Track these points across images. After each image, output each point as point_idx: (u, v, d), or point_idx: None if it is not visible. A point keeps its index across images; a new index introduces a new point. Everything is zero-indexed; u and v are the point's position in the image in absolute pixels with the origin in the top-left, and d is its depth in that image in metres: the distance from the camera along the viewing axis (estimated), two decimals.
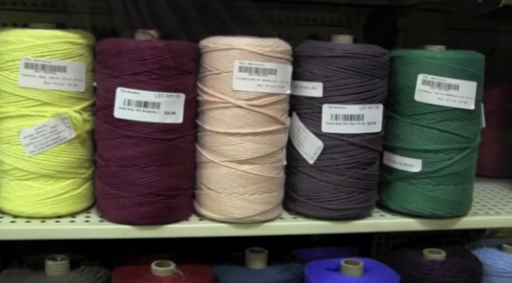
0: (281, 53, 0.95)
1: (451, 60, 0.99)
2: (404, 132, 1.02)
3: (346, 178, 0.99)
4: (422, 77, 1.00)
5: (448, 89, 0.99)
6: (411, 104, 1.01)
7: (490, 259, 1.08)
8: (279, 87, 0.95)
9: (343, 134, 0.98)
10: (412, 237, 1.24)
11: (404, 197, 1.04)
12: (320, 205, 1.00)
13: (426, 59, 1.00)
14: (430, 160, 1.01)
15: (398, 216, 1.05)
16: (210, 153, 0.96)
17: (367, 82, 0.97)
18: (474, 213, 1.09)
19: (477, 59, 1.01)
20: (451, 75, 0.99)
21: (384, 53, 0.99)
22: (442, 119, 1.00)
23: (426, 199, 1.02)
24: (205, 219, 0.99)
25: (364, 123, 0.98)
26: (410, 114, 1.02)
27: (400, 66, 1.02)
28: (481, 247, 1.12)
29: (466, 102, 1.00)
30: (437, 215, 1.03)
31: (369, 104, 0.98)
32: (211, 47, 0.95)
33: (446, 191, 1.02)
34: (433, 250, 1.07)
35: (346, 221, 1.01)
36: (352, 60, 0.96)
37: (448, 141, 1.01)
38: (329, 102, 0.97)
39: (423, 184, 1.02)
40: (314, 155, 0.99)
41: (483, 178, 1.34)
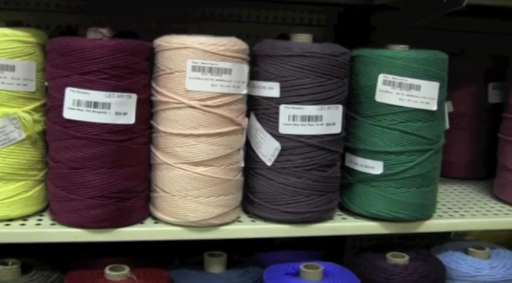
0: (236, 52, 0.92)
1: (412, 59, 0.97)
2: (365, 133, 1.00)
3: (305, 181, 0.96)
4: (383, 77, 0.97)
5: (409, 89, 0.97)
6: (372, 104, 0.99)
7: (455, 263, 1.06)
8: (234, 87, 0.93)
9: (301, 135, 0.95)
10: (393, 238, 1.22)
11: (366, 200, 1.01)
12: (278, 208, 0.97)
13: (387, 58, 0.97)
14: (392, 162, 0.99)
15: (361, 219, 1.03)
16: (164, 154, 0.94)
17: (326, 82, 0.95)
18: (439, 216, 1.07)
19: (440, 59, 0.99)
20: (412, 75, 0.97)
21: (343, 53, 0.96)
22: (403, 120, 0.98)
23: (388, 202, 1.00)
24: (161, 222, 0.97)
25: (323, 124, 0.95)
26: (372, 115, 0.99)
27: (361, 66, 1.00)
28: (447, 251, 1.10)
29: (428, 102, 0.98)
30: (400, 218, 1.01)
31: (328, 104, 0.95)
32: (165, 46, 0.92)
33: (408, 194, 1.00)
34: (396, 254, 1.05)
35: (306, 224, 0.99)
36: (309, 60, 0.93)
37: (410, 142, 0.98)
38: (286, 103, 0.94)
39: (385, 187, 1.00)
40: (272, 157, 0.96)
41: (454, 180, 1.32)
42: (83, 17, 1.28)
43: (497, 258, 1.09)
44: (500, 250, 1.12)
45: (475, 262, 1.06)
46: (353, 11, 1.44)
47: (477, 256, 1.08)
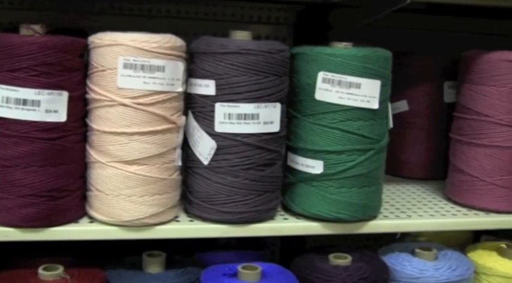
0: (170, 49, 0.91)
1: (352, 57, 0.95)
2: (305, 132, 0.99)
3: (242, 180, 0.95)
4: (323, 75, 0.96)
5: (349, 87, 0.95)
6: (312, 102, 0.97)
7: (400, 264, 1.04)
8: (168, 84, 0.91)
9: (237, 133, 0.94)
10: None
11: (307, 200, 1.00)
12: (215, 208, 0.96)
13: (326, 56, 0.96)
14: (332, 162, 0.97)
15: (303, 219, 1.01)
16: (97, 153, 0.93)
17: (262, 80, 0.93)
18: (384, 217, 1.05)
19: (381, 57, 0.97)
20: (352, 73, 0.95)
21: (281, 50, 0.95)
22: (343, 118, 0.96)
23: (329, 202, 0.98)
24: (96, 222, 0.95)
25: (260, 122, 0.94)
26: (312, 114, 0.98)
27: (301, 63, 0.98)
28: (393, 252, 1.08)
29: (369, 101, 0.97)
30: (341, 219, 0.99)
31: (265, 102, 0.94)
32: (97, 43, 0.91)
33: (349, 194, 0.98)
34: (340, 255, 1.03)
35: (244, 224, 0.97)
36: (245, 57, 0.92)
37: (351, 141, 0.97)
38: (222, 101, 0.93)
39: (325, 187, 0.98)
40: (208, 156, 0.95)
41: (409, 180, 1.30)
42: (33, 14, 1.28)
43: (443, 259, 1.07)
44: (448, 251, 1.10)
45: (419, 263, 1.04)
46: (312, 9, 1.43)
47: (423, 257, 1.07)
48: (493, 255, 1.12)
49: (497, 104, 1.08)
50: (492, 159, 1.09)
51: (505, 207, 1.10)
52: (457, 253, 1.10)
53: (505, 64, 1.07)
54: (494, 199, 1.10)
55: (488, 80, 1.08)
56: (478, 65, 1.09)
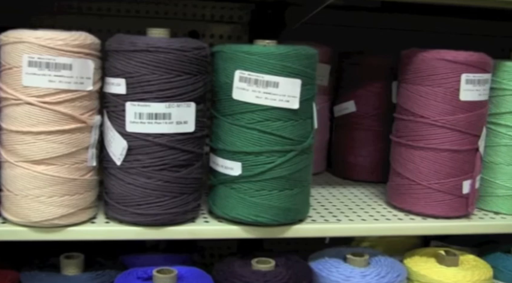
0: (78, 46, 0.89)
1: (269, 55, 0.92)
2: (224, 132, 0.96)
3: (155, 182, 0.92)
4: (239, 74, 0.93)
5: (266, 86, 0.92)
6: (230, 102, 0.94)
7: (327, 270, 1.01)
8: (76, 83, 0.89)
9: (149, 133, 0.91)
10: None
11: (227, 203, 0.97)
12: (129, 209, 0.93)
13: (243, 54, 0.93)
14: (250, 164, 0.94)
15: (224, 222, 0.98)
16: (6, 152, 0.91)
17: (174, 78, 0.91)
18: (312, 221, 1.02)
19: (302, 55, 0.94)
20: (269, 72, 0.92)
21: (195, 48, 0.92)
22: (262, 118, 0.93)
23: (248, 205, 0.95)
24: (8, 222, 0.94)
25: (172, 122, 0.91)
26: (230, 114, 0.95)
27: (220, 62, 0.95)
28: (323, 258, 1.05)
29: (288, 100, 0.93)
30: (260, 222, 0.96)
31: (177, 102, 0.91)
32: (4, 41, 0.89)
33: (269, 197, 0.95)
34: (263, 260, 1.00)
35: (159, 227, 0.95)
36: (154, 55, 0.89)
37: (269, 142, 0.94)
38: (132, 100, 0.91)
39: (244, 189, 0.95)
40: (120, 156, 0.92)
41: (354, 183, 1.27)
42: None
43: (375, 265, 1.03)
44: (382, 257, 1.06)
45: (347, 270, 1.00)
46: (266, 8, 1.40)
47: (354, 263, 1.03)
48: (431, 261, 1.07)
49: (432, 104, 1.04)
50: (428, 162, 1.05)
51: (442, 212, 1.06)
52: (391, 259, 1.06)
53: (441, 63, 1.02)
54: (431, 204, 1.06)
55: (423, 80, 1.04)
56: (414, 64, 1.05)
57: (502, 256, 1.12)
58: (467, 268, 1.05)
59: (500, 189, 1.11)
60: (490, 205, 1.12)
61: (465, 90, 1.03)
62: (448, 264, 1.06)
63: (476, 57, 1.03)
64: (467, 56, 1.02)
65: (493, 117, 1.10)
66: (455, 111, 1.03)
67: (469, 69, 1.02)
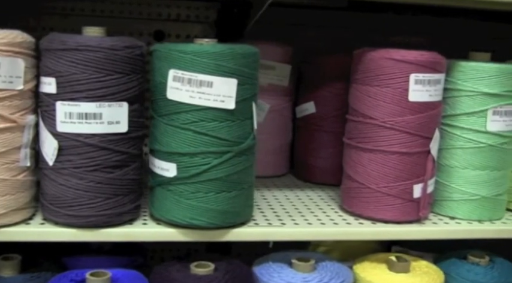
0: (6, 45, 0.88)
1: (202, 54, 0.90)
2: (160, 133, 0.94)
3: (87, 183, 0.91)
4: (173, 73, 0.91)
5: (200, 86, 0.90)
6: (165, 102, 0.92)
7: (269, 275, 0.98)
8: (5, 82, 0.88)
9: (79, 133, 0.90)
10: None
11: (164, 205, 0.95)
12: (62, 211, 0.92)
13: (177, 53, 0.91)
14: (185, 165, 0.92)
15: (163, 225, 0.96)
16: None
17: (104, 78, 0.89)
18: (255, 224, 1.00)
19: (239, 54, 0.91)
20: (203, 71, 0.90)
21: (128, 47, 0.90)
22: (196, 119, 0.91)
23: (184, 208, 0.93)
24: None
25: (104, 122, 0.90)
26: (165, 114, 0.93)
27: (156, 61, 0.93)
28: (267, 262, 1.02)
29: (223, 100, 0.91)
30: (196, 225, 0.94)
31: (109, 101, 0.90)
32: None
33: (206, 199, 0.93)
34: (203, 264, 0.98)
35: (93, 229, 0.93)
36: (84, 54, 0.88)
37: (205, 143, 0.92)
38: (62, 99, 0.89)
39: (180, 191, 0.93)
40: (52, 156, 0.91)
41: (312, 186, 1.24)
42: None
43: (320, 271, 1.00)
44: (329, 263, 1.03)
45: (289, 275, 0.98)
46: (232, 7, 1.38)
47: (298, 268, 1.00)
48: (381, 268, 1.04)
49: (381, 105, 1.00)
50: (377, 165, 1.01)
51: (393, 217, 1.02)
52: (339, 265, 1.03)
53: (389, 63, 0.99)
54: (380, 208, 1.02)
55: (372, 80, 1.01)
56: (364, 64, 1.02)
57: (456, 262, 1.08)
58: (417, 275, 1.02)
59: (456, 193, 1.07)
60: (446, 210, 1.08)
61: (414, 91, 0.99)
62: (397, 271, 1.03)
63: (426, 56, 0.99)
64: (417, 55, 0.99)
65: (448, 118, 1.06)
66: (404, 113, 1.00)
67: (419, 69, 0.99)
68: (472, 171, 1.06)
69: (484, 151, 1.05)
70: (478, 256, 1.09)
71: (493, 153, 1.05)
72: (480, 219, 1.07)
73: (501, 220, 1.09)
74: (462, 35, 1.40)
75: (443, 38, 1.33)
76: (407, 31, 1.38)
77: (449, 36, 1.38)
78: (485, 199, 1.06)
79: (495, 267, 1.06)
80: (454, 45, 1.19)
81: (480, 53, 1.08)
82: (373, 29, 1.36)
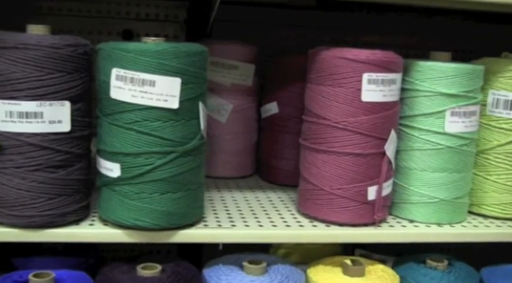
0: None
1: (144, 52, 0.88)
2: (105, 133, 0.93)
3: (29, 182, 0.90)
4: (116, 72, 0.89)
5: (142, 85, 0.89)
6: (109, 101, 0.91)
7: (217, 278, 0.97)
8: None
9: (20, 133, 0.89)
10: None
11: (109, 205, 0.94)
12: (4, 211, 0.91)
13: (119, 51, 0.89)
14: (129, 165, 0.91)
15: (109, 225, 0.95)
16: None
17: (45, 76, 0.88)
18: (205, 226, 0.98)
19: (182, 52, 0.90)
20: (145, 70, 0.88)
21: (70, 45, 0.89)
22: (139, 118, 0.90)
23: (128, 208, 0.92)
24: None
25: (45, 121, 0.89)
26: (109, 113, 0.92)
27: (100, 59, 0.92)
28: (218, 265, 1.00)
29: (166, 100, 0.90)
30: (140, 226, 0.92)
31: (50, 100, 0.89)
32: None
33: (150, 200, 0.91)
34: (149, 265, 0.96)
35: (37, 229, 0.92)
36: (23, 52, 0.87)
37: (148, 143, 0.90)
38: (2, 98, 0.88)
39: (125, 192, 0.92)
40: None
41: (274, 187, 1.23)
42: None
43: (271, 273, 0.99)
44: (281, 266, 1.01)
45: (237, 278, 0.96)
46: (202, 6, 1.37)
47: (249, 271, 0.98)
48: (336, 271, 1.02)
49: (334, 105, 0.98)
50: (330, 167, 0.99)
51: (347, 219, 1.00)
52: (291, 268, 1.01)
53: (342, 62, 0.97)
54: (334, 210, 1.00)
55: (325, 80, 0.99)
56: (317, 64, 1.00)
57: (414, 266, 1.06)
58: (372, 279, 1.00)
59: (414, 195, 1.04)
60: (405, 213, 1.06)
61: (367, 91, 0.97)
62: (352, 274, 1.00)
63: (379, 56, 0.97)
64: (370, 54, 0.97)
65: (407, 119, 1.04)
66: (357, 113, 0.97)
67: (372, 69, 0.97)
68: (431, 173, 1.03)
69: (443, 153, 1.02)
70: (437, 260, 1.06)
71: (452, 155, 1.03)
72: (439, 222, 1.05)
73: (461, 224, 1.06)
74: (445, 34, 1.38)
75: (429, 38, 1.31)
76: (380, 30, 1.36)
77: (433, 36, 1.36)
78: (444, 202, 1.04)
79: (453, 272, 1.03)
80: (436, 44, 1.18)
81: (441, 53, 1.06)
82: (343, 28, 1.34)
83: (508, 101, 1.06)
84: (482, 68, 1.05)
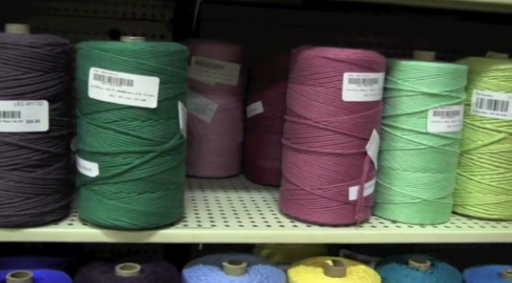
0: None
1: (122, 52, 0.88)
2: (84, 132, 0.92)
3: (6, 182, 0.90)
4: (94, 71, 0.89)
5: (120, 84, 0.88)
6: (87, 101, 0.91)
7: (196, 278, 0.96)
8: None
9: None
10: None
11: (88, 205, 0.94)
12: None
13: (97, 50, 0.89)
14: (107, 165, 0.91)
15: (89, 225, 0.95)
16: None
17: (23, 76, 0.88)
18: (184, 226, 0.98)
19: (160, 52, 0.90)
20: (123, 69, 0.88)
21: (48, 44, 0.89)
22: (118, 118, 0.89)
23: (107, 208, 0.92)
24: None
25: (22, 121, 0.89)
26: (88, 113, 0.91)
27: (80, 59, 0.92)
28: (198, 265, 1.00)
29: (144, 99, 0.89)
30: (118, 226, 0.92)
31: (28, 100, 0.88)
32: None
33: (128, 200, 0.91)
34: (129, 265, 0.96)
35: (14, 229, 0.92)
36: (1, 51, 0.87)
37: (126, 143, 0.90)
38: None
39: (103, 191, 0.92)
40: None
41: (259, 187, 1.22)
42: None
43: (251, 273, 0.98)
44: (262, 266, 1.01)
45: (216, 278, 0.96)
46: (188, 5, 1.36)
47: (229, 271, 0.98)
48: (317, 272, 1.01)
49: (315, 105, 0.98)
50: (311, 167, 0.99)
51: (328, 219, 1.00)
52: (272, 268, 1.01)
53: (323, 61, 0.97)
54: (315, 211, 1.00)
55: (306, 79, 0.99)
56: (299, 63, 1.00)
57: (396, 267, 1.05)
58: (352, 279, 0.99)
59: (397, 196, 1.04)
60: (388, 213, 1.05)
61: (348, 90, 0.96)
62: (332, 275, 1.00)
63: (360, 55, 0.97)
64: (350, 53, 0.96)
65: (390, 119, 1.03)
66: (337, 113, 0.97)
67: (353, 68, 0.96)
68: (413, 173, 1.03)
69: (425, 153, 1.02)
70: (419, 261, 1.06)
71: (434, 155, 1.02)
72: (422, 223, 1.04)
73: (444, 224, 1.06)
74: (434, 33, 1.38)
75: (418, 37, 1.31)
76: (369, 30, 1.35)
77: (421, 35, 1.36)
78: (427, 202, 1.03)
79: (435, 272, 1.03)
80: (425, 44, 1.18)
81: (424, 52, 1.05)
82: (330, 27, 1.34)
83: (491, 100, 1.05)
84: (466, 67, 1.04)
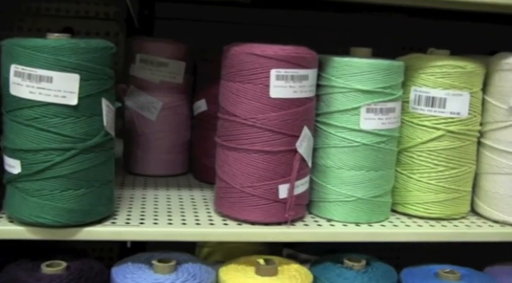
0: None
1: (42, 48, 0.88)
2: (8, 129, 0.92)
3: None
4: (14, 68, 0.89)
5: (39, 81, 0.88)
6: (9, 98, 0.91)
7: (123, 276, 0.96)
8: None
9: None
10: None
11: (13, 202, 0.94)
12: None
13: (18, 47, 0.89)
14: (29, 162, 0.91)
15: (15, 222, 0.95)
16: None
17: None
18: (112, 223, 0.97)
19: (80, 48, 0.90)
20: (42, 66, 0.88)
21: None
22: (38, 115, 0.89)
23: (30, 205, 0.92)
24: None
25: None
26: (10, 110, 0.91)
27: (2, 56, 0.92)
28: (126, 263, 1.00)
29: (64, 96, 0.89)
30: (41, 223, 0.92)
31: None
32: None
33: (50, 197, 0.91)
34: (56, 263, 0.96)
35: None
36: None
37: (47, 140, 0.90)
38: None
39: (26, 188, 0.92)
40: None
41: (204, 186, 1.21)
42: None
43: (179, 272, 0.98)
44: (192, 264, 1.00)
45: (141, 276, 0.95)
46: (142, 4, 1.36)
47: (157, 269, 0.97)
48: (248, 270, 1.00)
49: (243, 102, 0.97)
50: (241, 164, 0.98)
51: (258, 218, 0.99)
52: (202, 266, 1.00)
53: (250, 58, 0.96)
54: (245, 209, 0.99)
55: (235, 76, 0.98)
56: (228, 60, 0.99)
57: (330, 266, 1.04)
58: (282, 278, 0.98)
59: (332, 194, 1.03)
60: (324, 212, 1.04)
61: (276, 87, 0.96)
62: (263, 274, 0.99)
63: (289, 51, 0.96)
64: (278, 49, 0.95)
65: (324, 116, 1.02)
66: (265, 110, 0.96)
67: (280, 64, 0.95)
68: (347, 171, 1.01)
69: (359, 151, 1.01)
70: (355, 260, 1.04)
71: (368, 152, 1.01)
72: (357, 221, 1.03)
73: (381, 223, 1.04)
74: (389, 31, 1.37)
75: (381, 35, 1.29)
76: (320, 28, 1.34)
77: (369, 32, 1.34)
78: (362, 200, 1.02)
79: (368, 272, 1.02)
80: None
81: (361, 49, 1.04)
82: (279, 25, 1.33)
83: (429, 97, 1.04)
84: (401, 64, 1.03)
